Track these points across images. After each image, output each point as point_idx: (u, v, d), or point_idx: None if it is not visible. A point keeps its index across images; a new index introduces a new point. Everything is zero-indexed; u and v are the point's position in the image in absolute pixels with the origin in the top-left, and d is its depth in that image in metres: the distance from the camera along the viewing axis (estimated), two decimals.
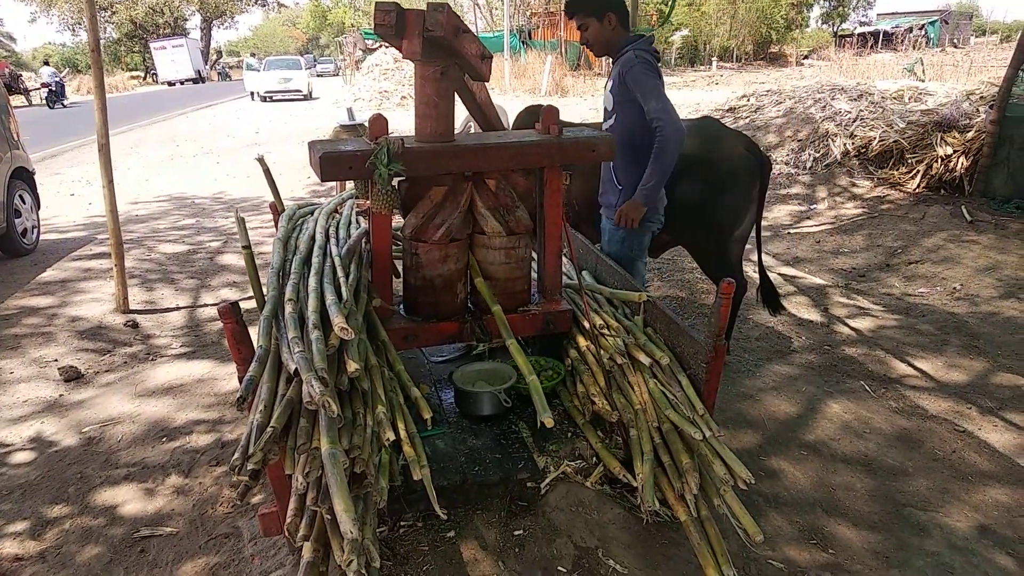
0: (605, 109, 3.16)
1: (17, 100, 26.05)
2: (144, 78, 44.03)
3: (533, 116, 3.21)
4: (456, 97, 2.62)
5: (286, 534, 1.84)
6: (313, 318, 1.94)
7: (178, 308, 4.97)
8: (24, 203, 6.23)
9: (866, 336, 4.17)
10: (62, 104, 23.40)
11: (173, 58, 39.95)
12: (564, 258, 2.93)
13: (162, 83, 40.21)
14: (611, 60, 3.13)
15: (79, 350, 4.28)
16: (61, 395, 3.75)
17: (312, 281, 2.19)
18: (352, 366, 1.86)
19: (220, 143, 13.47)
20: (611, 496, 2.36)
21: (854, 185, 7.03)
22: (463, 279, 2.71)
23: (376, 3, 2.29)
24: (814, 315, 4.49)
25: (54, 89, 23.38)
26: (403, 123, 12.53)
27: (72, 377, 3.92)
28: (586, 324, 2.63)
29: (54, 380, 3.91)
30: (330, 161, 2.35)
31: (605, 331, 2.58)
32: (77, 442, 3.27)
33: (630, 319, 2.69)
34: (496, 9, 32.62)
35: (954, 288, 4.79)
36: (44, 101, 23.24)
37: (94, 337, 4.45)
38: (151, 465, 3.08)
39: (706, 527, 2.16)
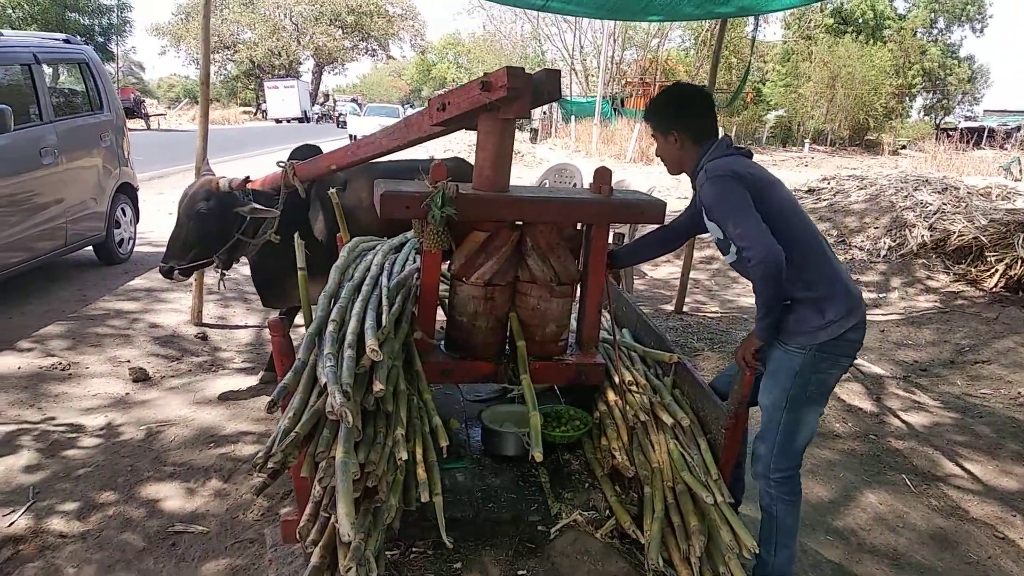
0: (717, 240, 2.50)
1: (137, 124, 28.21)
2: (255, 114, 46.78)
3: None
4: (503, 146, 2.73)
5: (298, 537, 1.96)
6: (350, 338, 2.09)
7: (247, 326, 5.26)
8: (125, 216, 6.75)
9: (917, 431, 4.05)
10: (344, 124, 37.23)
11: (283, 97, 42.45)
12: (605, 312, 3.01)
13: (270, 120, 42.60)
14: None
15: (151, 354, 4.58)
16: (128, 393, 4.02)
17: (357, 306, 2.34)
18: (377, 386, 1.98)
19: None
20: (618, 550, 2.38)
21: (929, 278, 6.86)
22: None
23: (508, 68, 2.42)
24: (866, 403, 4.39)
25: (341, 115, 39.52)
26: None
27: (140, 378, 4.20)
28: (616, 379, 2.70)
29: (124, 379, 4.19)
30: (389, 199, 2.53)
31: (633, 388, 2.64)
32: (134, 437, 3.50)
33: (660, 379, 2.74)
34: (592, 75, 33.42)
35: (1020, 392, 4.60)
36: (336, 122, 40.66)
37: (167, 344, 4.75)
38: (195, 467, 3.27)
39: None
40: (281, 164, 3.55)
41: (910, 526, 3.12)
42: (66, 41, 6.00)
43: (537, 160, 19.75)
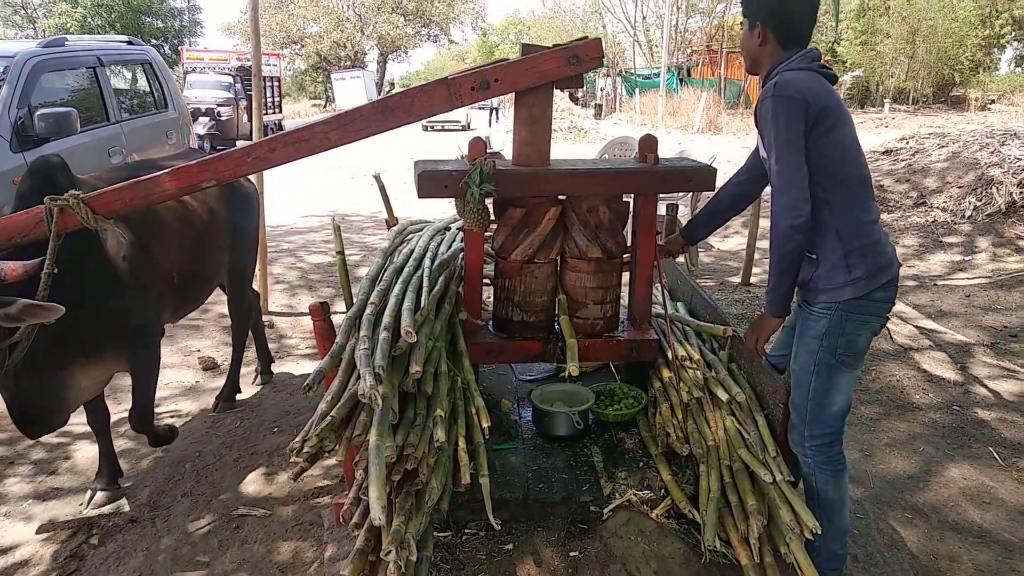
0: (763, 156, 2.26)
1: None
2: (324, 106, 47.72)
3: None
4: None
5: (341, 521, 1.97)
6: (386, 320, 2.06)
7: None
8: None
9: (1005, 400, 3.79)
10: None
11: (350, 88, 43.11)
12: (657, 286, 2.91)
13: (339, 111, 43.45)
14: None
15: (221, 343, 4.71)
16: (198, 382, 4.15)
17: (397, 288, 2.32)
18: (413, 368, 1.95)
19: (380, 167, 14.34)
20: (674, 531, 2.30)
21: (1020, 238, 6.42)
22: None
23: (595, 39, 2.41)
24: (949, 372, 4.13)
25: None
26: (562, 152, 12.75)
27: (210, 367, 4.32)
28: (670, 355, 2.60)
29: (195, 368, 4.33)
30: (427, 179, 2.49)
31: (687, 363, 2.54)
32: (202, 424, 3.61)
33: (715, 354, 2.62)
34: (656, 46, 32.61)
35: None
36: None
37: None
38: (260, 451, 3.34)
39: (768, 574, 2.07)
40: (54, 201, 2.24)
41: (997, 501, 2.92)
42: (128, 43, 6.19)
43: (601, 136, 19.42)
